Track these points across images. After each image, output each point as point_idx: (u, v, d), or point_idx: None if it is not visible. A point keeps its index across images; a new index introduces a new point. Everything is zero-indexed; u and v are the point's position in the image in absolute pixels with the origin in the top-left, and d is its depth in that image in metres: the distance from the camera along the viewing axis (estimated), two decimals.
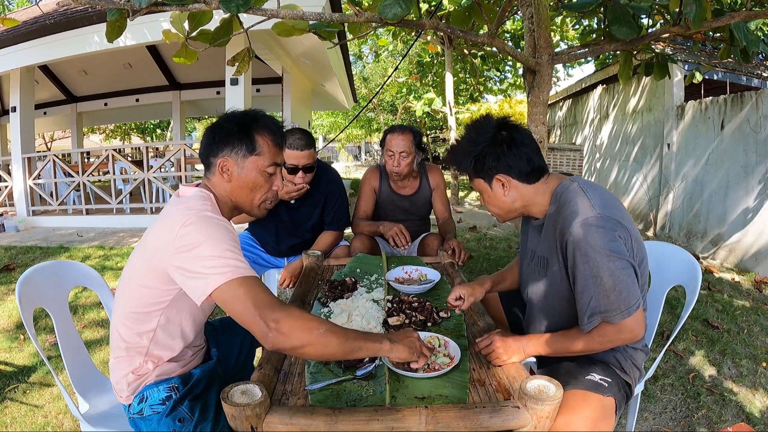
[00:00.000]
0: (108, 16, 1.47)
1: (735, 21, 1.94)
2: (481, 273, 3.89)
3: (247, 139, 1.18)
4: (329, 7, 4.95)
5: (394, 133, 2.28)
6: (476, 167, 1.25)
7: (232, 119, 1.20)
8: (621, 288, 1.06)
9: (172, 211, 1.08)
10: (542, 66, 2.45)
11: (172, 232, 1.02)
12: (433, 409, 0.91)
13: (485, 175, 1.25)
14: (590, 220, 1.09)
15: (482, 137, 1.23)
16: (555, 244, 1.19)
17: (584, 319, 1.11)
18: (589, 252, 1.08)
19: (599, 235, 1.08)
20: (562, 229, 1.15)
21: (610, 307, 1.07)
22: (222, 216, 1.18)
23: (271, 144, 1.21)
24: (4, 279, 3.72)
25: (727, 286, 3.50)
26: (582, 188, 1.18)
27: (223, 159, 1.18)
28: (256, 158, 1.19)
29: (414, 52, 10.77)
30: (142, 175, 6.28)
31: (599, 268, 1.07)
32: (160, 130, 20.86)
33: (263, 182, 1.21)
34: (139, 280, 1.11)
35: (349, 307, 1.44)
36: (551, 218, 1.22)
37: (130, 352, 1.15)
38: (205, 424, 1.14)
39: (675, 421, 1.89)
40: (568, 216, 1.13)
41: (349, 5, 1.74)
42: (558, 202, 1.21)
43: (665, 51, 3.35)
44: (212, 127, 1.21)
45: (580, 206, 1.13)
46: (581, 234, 1.09)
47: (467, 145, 1.26)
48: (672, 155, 5.10)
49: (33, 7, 8.67)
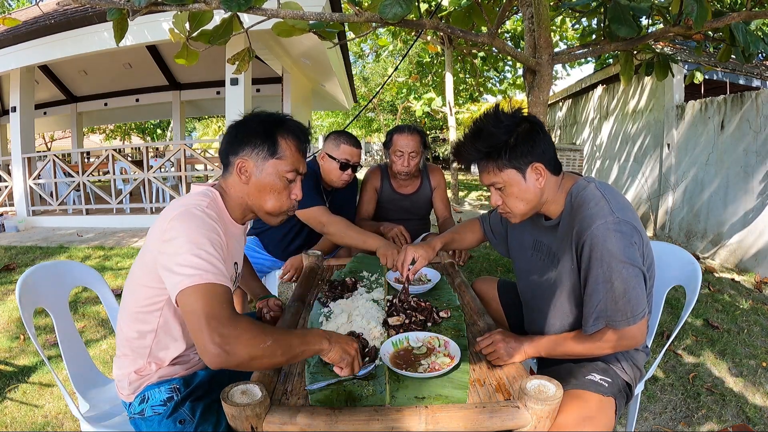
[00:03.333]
0: (108, 16, 1.47)
1: (735, 21, 1.94)
2: (481, 273, 3.88)
3: (270, 141, 1.14)
4: (329, 7, 4.95)
5: (402, 134, 2.27)
6: (511, 154, 1.14)
7: (257, 118, 1.17)
8: (630, 296, 1.06)
9: (168, 207, 1.08)
10: (542, 66, 2.45)
11: (161, 225, 1.02)
12: (433, 409, 0.91)
13: (520, 164, 1.15)
14: (609, 224, 1.08)
15: (511, 122, 1.14)
16: (570, 244, 1.17)
17: (589, 321, 1.11)
18: (604, 256, 1.07)
19: (617, 240, 1.07)
20: (579, 231, 1.13)
21: (616, 313, 1.07)
22: (227, 216, 1.17)
23: (294, 149, 1.17)
24: (4, 279, 3.72)
25: (727, 286, 3.50)
26: (600, 190, 1.16)
27: (243, 159, 1.14)
28: (277, 162, 1.14)
29: (414, 52, 10.77)
30: (142, 175, 6.28)
31: (612, 273, 1.07)
32: (160, 130, 20.86)
33: (281, 188, 1.16)
34: (139, 278, 1.11)
35: (349, 307, 1.44)
36: (567, 218, 1.20)
37: (134, 352, 1.15)
38: (206, 425, 1.14)
39: (675, 421, 1.89)
40: (588, 218, 1.11)
41: (350, 5, 1.74)
42: (575, 202, 1.18)
43: (665, 51, 3.35)
44: (236, 124, 1.18)
45: (599, 208, 1.11)
46: (600, 237, 1.08)
47: (496, 131, 1.14)
48: (672, 155, 5.10)
49: (33, 7, 8.66)
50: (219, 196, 1.15)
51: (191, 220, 1.00)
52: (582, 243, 1.12)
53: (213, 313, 0.89)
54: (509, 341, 1.14)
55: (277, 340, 0.93)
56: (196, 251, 0.95)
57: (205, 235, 0.99)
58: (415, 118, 12.71)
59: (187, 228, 0.98)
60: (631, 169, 6.05)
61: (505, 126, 1.14)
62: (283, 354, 0.93)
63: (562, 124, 8.84)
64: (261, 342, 0.90)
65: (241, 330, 0.89)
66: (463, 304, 1.53)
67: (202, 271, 0.93)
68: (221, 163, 1.20)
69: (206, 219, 1.02)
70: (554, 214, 1.24)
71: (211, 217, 1.04)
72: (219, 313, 0.90)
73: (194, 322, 0.89)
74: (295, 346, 0.96)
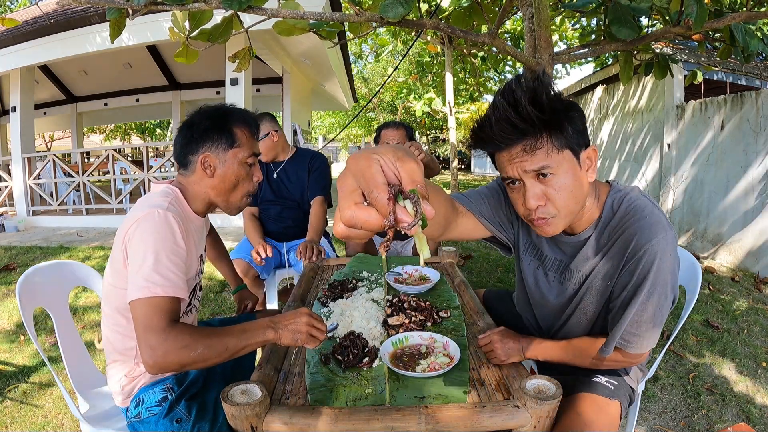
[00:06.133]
0: (107, 15, 1.47)
1: (735, 21, 1.93)
2: (481, 273, 3.88)
3: (225, 133, 1.20)
4: (329, 7, 4.95)
5: (388, 128, 2.45)
6: (573, 129, 0.88)
7: (205, 115, 1.22)
8: (656, 322, 0.96)
9: (132, 209, 1.11)
10: (542, 66, 2.45)
11: (124, 230, 1.05)
12: (432, 408, 0.91)
13: (579, 144, 0.90)
14: (669, 239, 0.91)
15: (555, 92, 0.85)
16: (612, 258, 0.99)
17: (611, 344, 1.00)
18: (658, 276, 0.92)
19: (673, 260, 0.92)
20: (637, 244, 0.93)
21: (633, 337, 0.97)
22: (189, 211, 1.21)
23: (248, 135, 1.24)
24: (4, 279, 3.72)
25: (727, 286, 3.50)
26: (647, 198, 0.99)
27: (205, 155, 1.19)
28: (236, 151, 1.22)
29: (414, 52, 10.77)
30: (142, 175, 6.28)
31: (652, 296, 0.93)
32: (160, 130, 20.86)
33: (245, 174, 1.24)
34: (112, 281, 1.12)
35: (349, 307, 1.44)
36: (606, 228, 1.00)
37: (121, 356, 1.16)
38: (203, 423, 1.14)
39: (675, 421, 1.89)
40: (647, 228, 0.92)
41: (350, 5, 1.74)
42: (619, 210, 0.99)
43: (665, 51, 3.35)
44: (187, 125, 1.23)
45: (658, 220, 0.93)
46: (658, 254, 0.91)
47: (555, 98, 0.85)
48: (672, 155, 5.10)
49: (33, 7, 8.66)
50: (179, 193, 1.20)
51: (153, 226, 1.03)
52: (638, 257, 0.93)
53: (149, 325, 0.96)
54: (507, 342, 1.12)
55: (209, 345, 0.96)
56: (152, 263, 1.00)
57: (162, 244, 1.02)
58: (415, 118, 12.72)
59: (148, 235, 1.02)
60: (631, 169, 6.05)
61: (552, 95, 0.85)
62: (219, 356, 0.97)
63: None
64: (191, 351, 0.95)
65: (170, 341, 0.95)
66: (462, 304, 1.53)
67: (151, 283, 0.98)
68: (178, 163, 1.25)
69: (167, 224, 1.05)
70: (580, 227, 1.03)
71: (174, 216, 1.07)
72: (154, 325, 0.96)
73: (136, 333, 0.97)
74: (233, 345, 0.99)
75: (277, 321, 1.03)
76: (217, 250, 1.72)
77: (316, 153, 2.52)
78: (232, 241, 4.74)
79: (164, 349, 0.94)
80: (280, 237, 2.49)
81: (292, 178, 2.43)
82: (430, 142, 17.10)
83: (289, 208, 2.45)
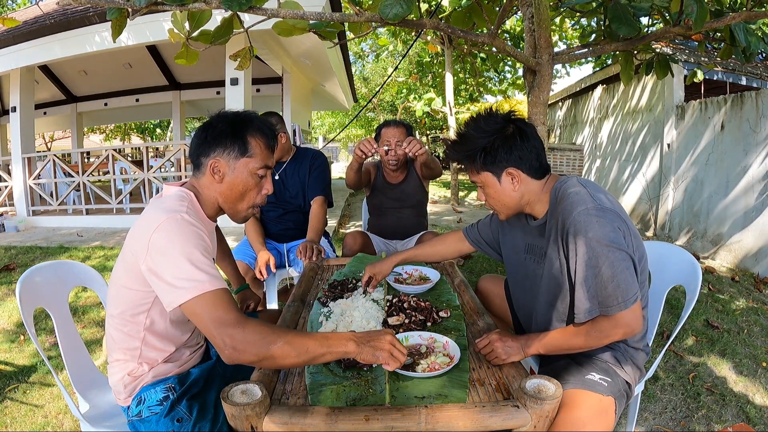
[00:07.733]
0: (108, 15, 1.47)
1: (735, 21, 1.94)
2: (481, 273, 3.88)
3: (239, 141, 1.18)
4: (329, 7, 4.95)
5: (389, 127, 2.44)
6: (486, 159, 1.20)
7: (224, 119, 1.20)
8: (619, 280, 1.05)
9: (149, 212, 1.08)
10: (542, 66, 2.45)
11: (146, 235, 1.02)
12: (432, 408, 0.91)
13: (495, 168, 1.21)
14: (590, 210, 1.08)
15: (491, 128, 1.20)
16: (557, 236, 1.17)
17: (581, 310, 1.11)
18: (588, 242, 1.07)
19: (599, 225, 1.06)
20: (563, 220, 1.14)
21: (607, 299, 1.07)
22: (203, 216, 1.20)
23: (263, 146, 1.21)
24: (4, 279, 3.72)
25: (727, 286, 3.50)
26: (580, 182, 1.18)
27: (215, 160, 1.18)
28: (248, 160, 1.19)
29: (414, 52, 10.77)
30: (142, 175, 6.28)
31: (598, 258, 1.06)
32: (160, 130, 20.86)
33: (253, 185, 1.21)
34: (122, 282, 1.11)
35: (349, 307, 1.44)
36: (551, 213, 1.21)
37: (124, 355, 1.16)
38: (204, 423, 1.14)
39: (675, 421, 1.89)
40: (568, 206, 1.13)
41: (350, 5, 1.74)
42: (557, 197, 1.20)
43: (665, 51, 3.35)
44: (204, 127, 1.21)
45: (579, 197, 1.12)
46: (581, 223, 1.08)
47: (476, 135, 1.21)
48: (672, 155, 5.10)
49: (33, 7, 8.67)
50: (193, 196, 1.18)
51: (180, 230, 1.02)
52: (566, 232, 1.12)
53: (219, 319, 0.95)
54: (506, 341, 1.14)
55: (290, 341, 0.95)
56: (190, 263, 0.99)
57: (194, 243, 1.02)
58: (415, 118, 12.70)
59: (177, 239, 1.01)
60: (631, 169, 6.06)
61: (484, 132, 1.20)
62: (298, 356, 0.95)
63: (562, 124, 8.84)
64: (271, 343, 0.93)
65: (250, 332, 0.94)
66: (462, 304, 1.53)
67: (197, 282, 0.97)
68: (192, 164, 1.23)
69: (190, 225, 1.05)
70: (540, 213, 1.26)
71: (194, 220, 1.07)
72: (226, 318, 0.95)
73: (204, 329, 0.96)
74: (313, 348, 0.96)
75: (360, 336, 1.03)
76: (221, 250, 1.71)
77: (316, 152, 2.52)
78: (233, 240, 4.74)
79: (245, 339, 0.93)
80: (281, 238, 2.49)
81: (293, 179, 2.42)
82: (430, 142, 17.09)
83: (290, 211, 2.45)
